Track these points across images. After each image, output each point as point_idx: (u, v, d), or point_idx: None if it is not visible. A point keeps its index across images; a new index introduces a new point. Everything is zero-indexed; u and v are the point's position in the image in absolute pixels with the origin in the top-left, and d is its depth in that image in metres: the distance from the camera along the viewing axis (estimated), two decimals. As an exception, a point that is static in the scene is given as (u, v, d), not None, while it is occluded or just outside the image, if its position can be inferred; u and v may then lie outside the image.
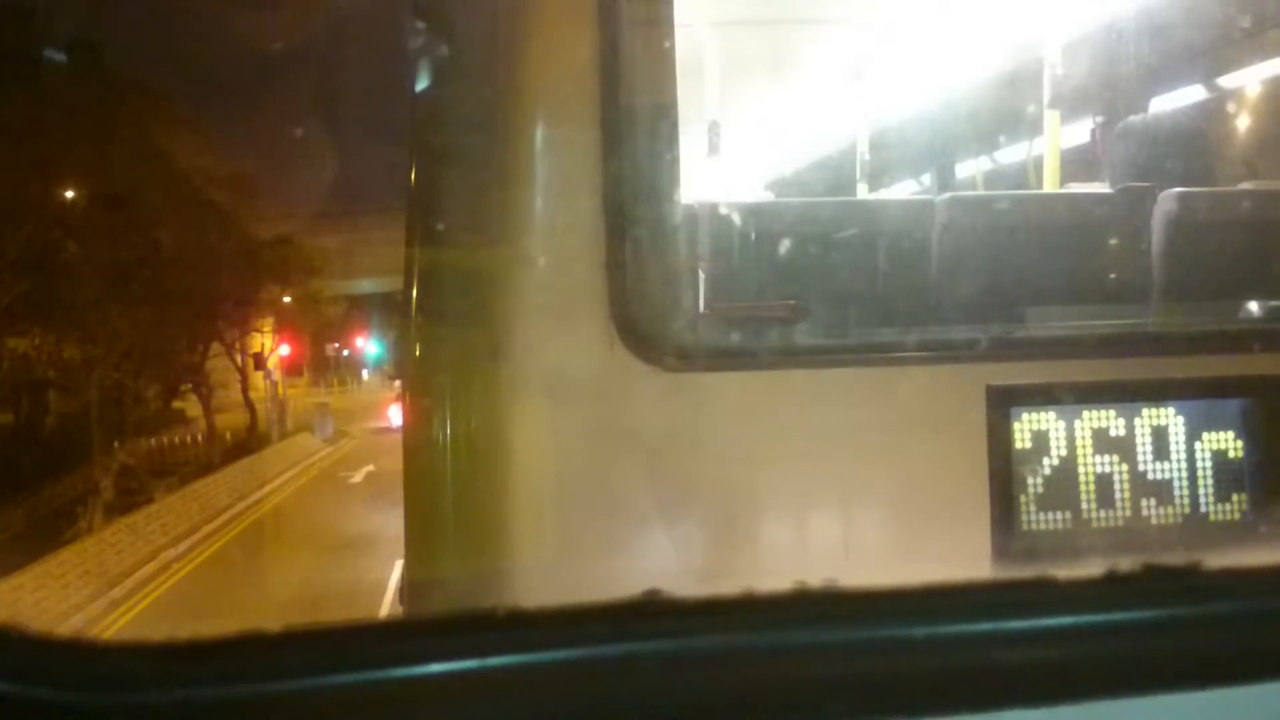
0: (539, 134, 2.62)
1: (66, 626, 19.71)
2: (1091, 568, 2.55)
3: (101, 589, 21.68)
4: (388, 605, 16.48)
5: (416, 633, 1.11)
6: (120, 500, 27.12)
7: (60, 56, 28.14)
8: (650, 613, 1.08)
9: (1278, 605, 1.13)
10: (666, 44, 2.65)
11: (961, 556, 2.60)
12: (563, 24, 2.61)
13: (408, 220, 3.01)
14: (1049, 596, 1.13)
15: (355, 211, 44.35)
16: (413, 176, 2.99)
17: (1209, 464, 2.68)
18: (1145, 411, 2.67)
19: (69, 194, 28.84)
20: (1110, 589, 1.12)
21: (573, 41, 2.58)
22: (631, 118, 2.57)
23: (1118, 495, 2.65)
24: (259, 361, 44.37)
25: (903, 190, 8.57)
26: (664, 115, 2.62)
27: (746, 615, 1.09)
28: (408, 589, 3.04)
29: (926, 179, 8.03)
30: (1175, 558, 2.58)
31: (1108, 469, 2.65)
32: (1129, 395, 2.67)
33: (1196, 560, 1.13)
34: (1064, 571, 2.59)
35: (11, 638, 1.08)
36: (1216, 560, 2.59)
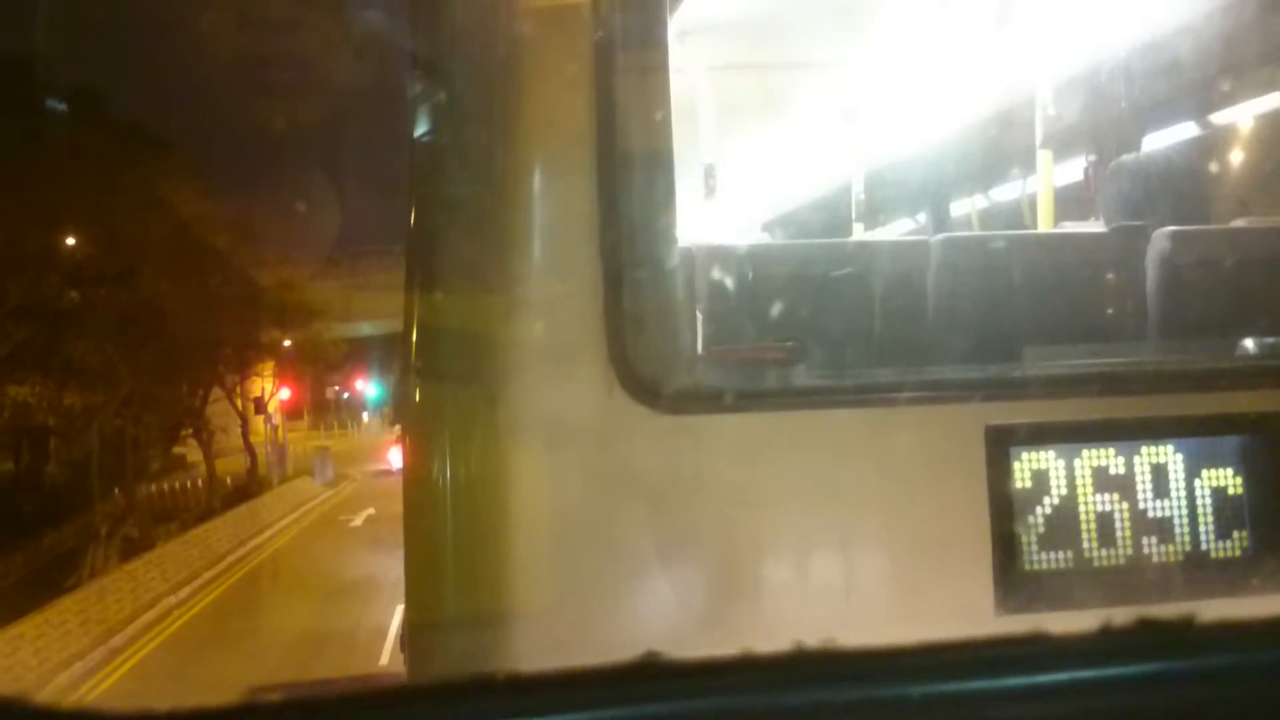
0: (536, 181, 2.64)
1: (66, 675, 19.60)
2: (1094, 607, 2.54)
3: (102, 637, 21.57)
4: (389, 652, 16.39)
5: (416, 700, 1.11)
6: (121, 547, 27.03)
7: (61, 106, 28.34)
8: (649, 675, 1.08)
9: (1272, 658, 1.13)
10: (662, 90, 2.67)
11: (964, 597, 2.59)
12: (559, 72, 2.64)
13: (407, 266, 3.02)
14: (1044, 653, 1.13)
15: (355, 254, 44.55)
16: (412, 223, 3.01)
17: (1209, 501, 2.68)
18: (1145, 449, 2.68)
19: (70, 241, 28.94)
20: (1105, 644, 1.12)
21: (569, 89, 2.61)
22: (628, 163, 2.59)
23: (1119, 534, 2.65)
24: (259, 406, 44.41)
25: (898, 230, 8.62)
26: (660, 160, 2.64)
27: (745, 676, 1.09)
28: (408, 633, 3.03)
29: (922, 219, 8.07)
30: (1178, 596, 2.57)
31: (1108, 507, 2.65)
32: (1128, 434, 2.68)
33: (1193, 613, 1.13)
34: (1066, 611, 2.57)
35: (16, 710, 1.07)
36: (1220, 597, 2.57)
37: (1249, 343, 2.92)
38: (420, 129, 2.87)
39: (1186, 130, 5.98)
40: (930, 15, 4.60)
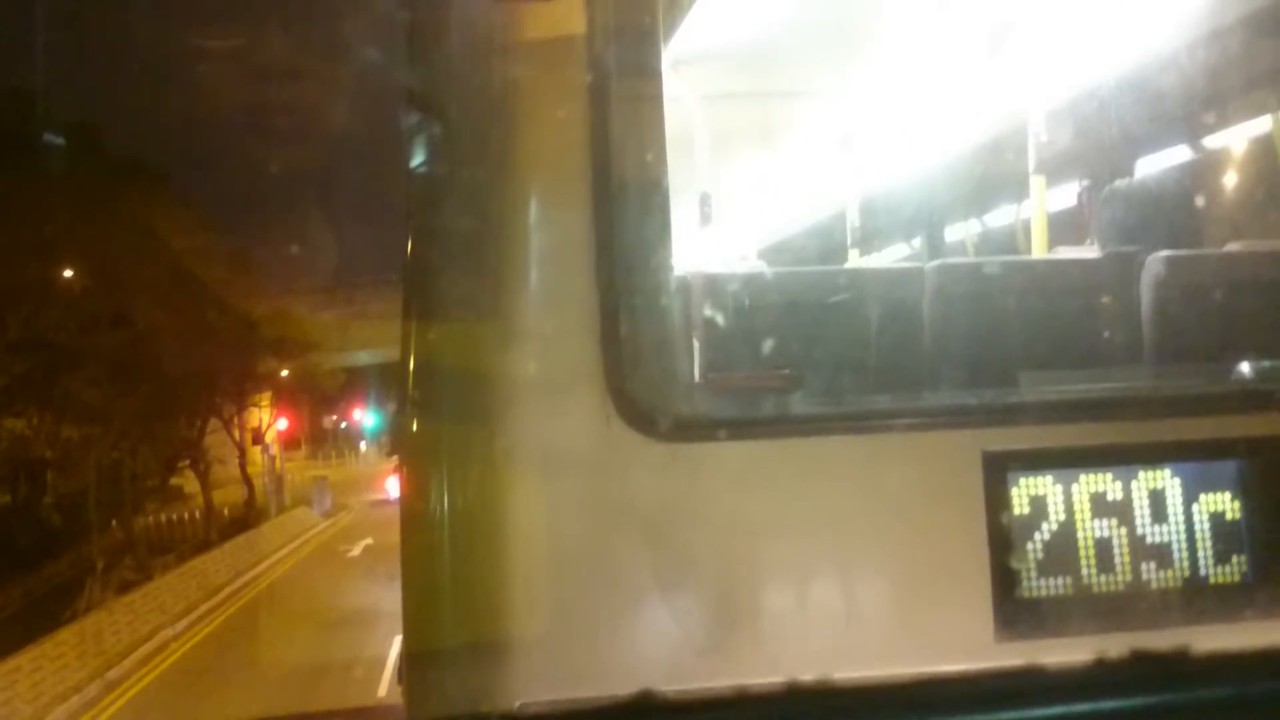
0: (532, 211, 2.64)
1: (64, 708, 19.49)
2: (1094, 633, 2.53)
3: (99, 670, 21.46)
4: (387, 682, 16.30)
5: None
6: (118, 579, 26.93)
7: (59, 140, 28.41)
8: (645, 711, 1.07)
9: (1265, 689, 1.13)
10: (656, 119, 2.69)
11: (963, 624, 2.58)
12: (553, 103, 2.65)
13: (404, 297, 3.02)
14: (1041, 685, 1.13)
15: (352, 284, 44.61)
16: (409, 254, 3.01)
17: (1207, 526, 2.68)
18: (1142, 474, 2.68)
19: (67, 274, 28.97)
20: (1101, 677, 1.12)
21: (563, 120, 2.62)
22: (623, 193, 2.60)
23: (1117, 559, 2.65)
24: (257, 436, 44.34)
25: (893, 257, 8.65)
26: (655, 189, 2.65)
27: (741, 712, 1.09)
28: (406, 664, 3.02)
29: (917, 245, 8.11)
30: (1177, 622, 2.57)
31: (1107, 533, 2.65)
32: (1125, 458, 2.68)
33: (1187, 644, 1.13)
34: (1066, 637, 2.56)
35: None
36: (1219, 623, 2.57)
37: (1244, 366, 2.92)
38: (416, 160, 2.88)
39: (1179, 155, 6.02)
40: (923, 43, 4.63)
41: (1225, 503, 2.69)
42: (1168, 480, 2.68)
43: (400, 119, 2.99)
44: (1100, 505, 2.65)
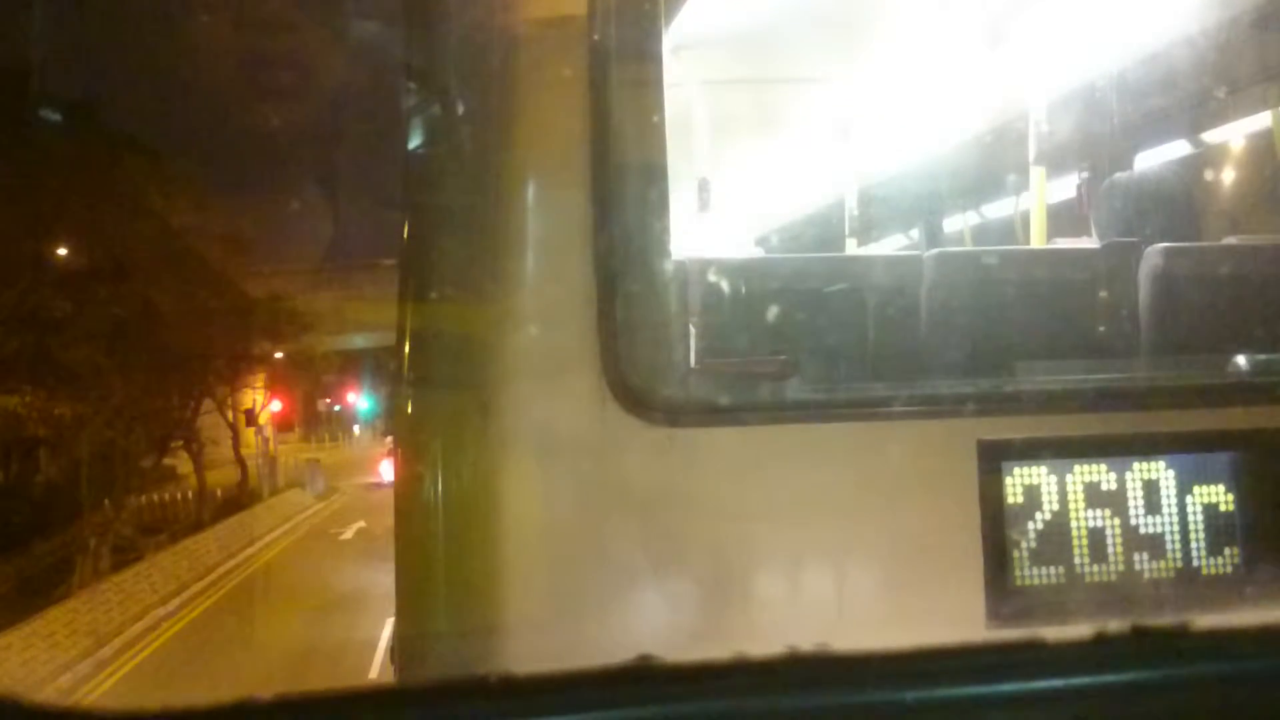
0: (530, 193, 2.64)
1: (54, 687, 19.48)
2: (1085, 622, 2.55)
3: (90, 649, 21.45)
4: (378, 664, 16.32)
5: (409, 701, 1.11)
6: (110, 558, 26.90)
7: (55, 116, 28.24)
8: (643, 678, 1.08)
9: (1265, 665, 1.13)
10: (656, 104, 2.68)
11: (955, 611, 2.59)
12: (554, 85, 2.64)
13: (400, 279, 3.02)
14: (1039, 659, 1.13)
15: (348, 267, 44.55)
16: (405, 236, 3.01)
17: (1200, 517, 2.68)
18: (1136, 466, 2.68)
19: (61, 252, 28.86)
20: (1099, 651, 1.12)
21: (563, 103, 2.62)
22: (622, 176, 2.60)
23: (1110, 549, 2.66)
24: (250, 418, 44.22)
25: (891, 246, 8.64)
26: (654, 174, 2.65)
27: (739, 680, 1.09)
28: (399, 646, 3.02)
29: (915, 234, 8.11)
30: (1169, 612, 2.58)
31: (1100, 523, 2.66)
32: (1120, 449, 2.68)
33: (1184, 621, 1.14)
34: (1058, 626, 2.58)
35: (9, 706, 1.07)
36: (1211, 613, 2.58)
37: (1240, 359, 2.92)
38: (415, 141, 2.88)
39: (1179, 148, 6.01)
40: (924, 32, 4.62)
41: (1219, 494, 2.70)
42: (1162, 471, 2.68)
43: (399, 100, 2.99)
44: (1094, 495, 2.66)
